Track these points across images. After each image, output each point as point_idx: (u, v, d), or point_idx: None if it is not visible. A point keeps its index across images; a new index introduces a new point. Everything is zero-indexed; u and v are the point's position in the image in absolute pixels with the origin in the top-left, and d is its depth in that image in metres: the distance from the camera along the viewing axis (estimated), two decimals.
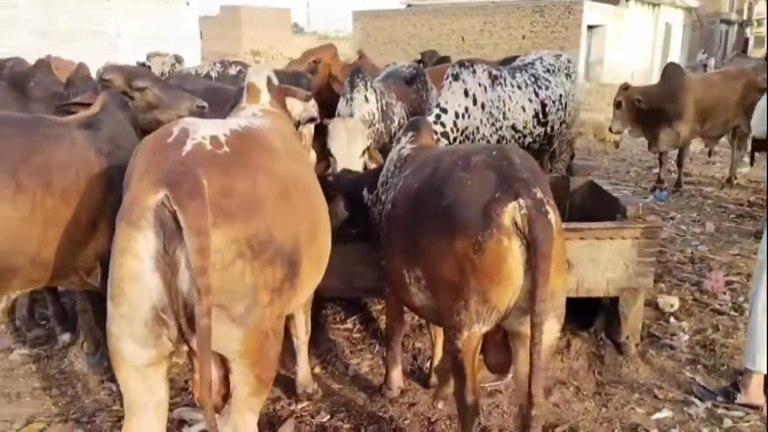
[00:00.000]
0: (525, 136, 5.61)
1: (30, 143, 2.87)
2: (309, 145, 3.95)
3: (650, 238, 4.00)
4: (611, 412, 3.64)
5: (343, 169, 4.26)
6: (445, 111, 5.15)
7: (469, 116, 5.21)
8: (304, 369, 3.77)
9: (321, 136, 4.28)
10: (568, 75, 6.04)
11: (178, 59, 13.52)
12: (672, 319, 4.72)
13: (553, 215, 2.48)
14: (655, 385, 3.89)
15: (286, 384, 3.81)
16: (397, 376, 3.75)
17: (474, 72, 5.30)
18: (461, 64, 5.34)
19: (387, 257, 3.10)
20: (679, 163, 8.48)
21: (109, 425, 3.41)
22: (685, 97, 7.93)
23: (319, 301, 4.59)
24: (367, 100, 5.04)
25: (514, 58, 6.94)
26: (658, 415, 3.58)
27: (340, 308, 4.74)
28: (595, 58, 25.17)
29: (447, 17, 28.13)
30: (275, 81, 3.47)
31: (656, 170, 8.96)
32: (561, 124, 5.96)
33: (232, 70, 7.47)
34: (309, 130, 3.88)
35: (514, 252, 2.47)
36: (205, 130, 2.35)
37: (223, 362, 2.39)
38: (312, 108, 3.72)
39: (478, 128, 5.28)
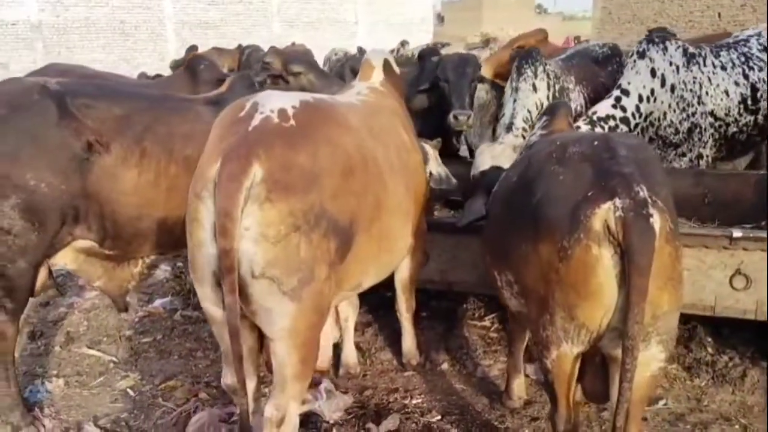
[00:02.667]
0: (728, 125, 4.77)
1: (156, 115, 3.15)
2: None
3: None
4: None
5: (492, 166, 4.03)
6: (626, 93, 4.58)
7: (654, 100, 4.58)
8: (408, 341, 3.79)
9: None
10: None
11: (404, 43, 14.09)
12: None
13: (658, 219, 2.02)
14: None
15: (401, 376, 3.73)
16: (518, 385, 3.43)
17: (665, 49, 4.63)
18: (649, 39, 4.68)
19: (482, 255, 2.82)
20: None
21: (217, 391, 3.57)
22: None
23: (455, 294, 4.42)
24: (534, 89, 4.64)
25: None
26: None
27: (481, 304, 4.47)
28: None
29: None
30: (394, 65, 3.55)
31: None
32: None
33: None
34: None
35: (605, 262, 2.07)
36: (275, 104, 2.36)
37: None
38: None
39: (665, 114, 4.62)
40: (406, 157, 3.11)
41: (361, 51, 13.46)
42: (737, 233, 3.26)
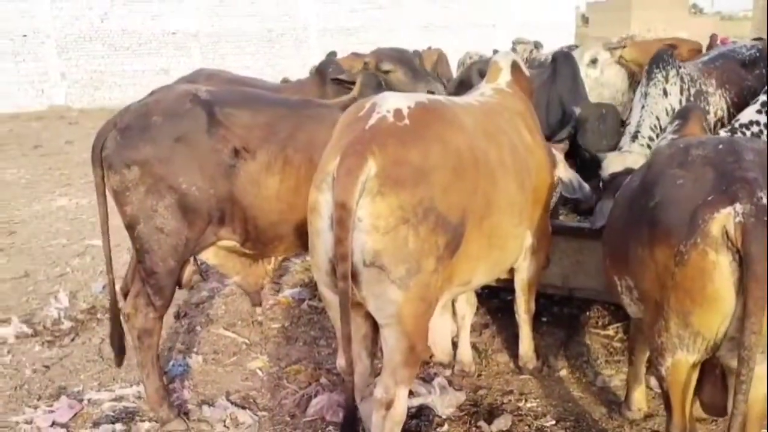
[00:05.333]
0: None
1: (298, 123, 3.31)
2: None
3: None
4: None
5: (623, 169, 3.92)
6: None
7: None
8: (526, 343, 3.76)
9: None
10: None
11: (537, 45, 13.84)
12: None
13: None
14: None
15: (516, 378, 3.74)
16: (638, 396, 3.31)
17: None
18: None
19: (602, 258, 2.77)
20: None
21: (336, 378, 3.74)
22: None
23: (578, 301, 4.33)
24: (665, 94, 4.43)
25: None
26: None
27: (605, 312, 4.34)
28: None
29: None
30: (522, 66, 3.57)
31: None
32: None
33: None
34: None
35: (723, 269, 1.99)
36: (392, 104, 2.49)
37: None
38: None
39: None
40: (525, 159, 3.12)
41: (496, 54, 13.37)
42: None
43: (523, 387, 3.69)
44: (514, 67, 3.56)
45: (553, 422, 3.35)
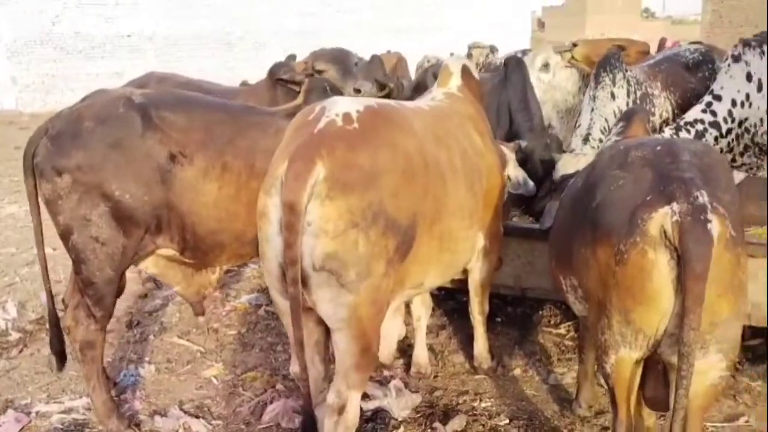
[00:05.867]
0: None
1: (239, 128, 3.24)
2: None
3: None
4: None
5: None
6: (718, 98, 4.40)
7: (750, 105, 4.37)
8: (480, 344, 3.80)
9: None
10: None
11: (493, 49, 13.97)
12: None
13: (717, 225, 1.98)
14: None
15: (471, 379, 3.77)
16: (589, 393, 3.39)
17: (762, 53, 4.40)
18: (746, 43, 4.48)
19: (549, 259, 2.82)
20: None
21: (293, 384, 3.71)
22: None
23: (531, 300, 4.40)
24: (613, 97, 4.55)
25: None
26: None
27: (557, 311, 4.42)
28: None
29: None
30: (473, 71, 3.63)
31: None
32: None
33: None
34: None
35: (661, 267, 2.05)
36: (341, 108, 2.50)
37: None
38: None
39: (762, 120, 4.39)
40: (475, 162, 3.16)
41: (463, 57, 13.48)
42: None
43: (478, 387, 3.73)
44: (465, 71, 3.60)
45: (507, 421, 3.40)
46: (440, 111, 3.21)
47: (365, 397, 3.55)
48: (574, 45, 5.63)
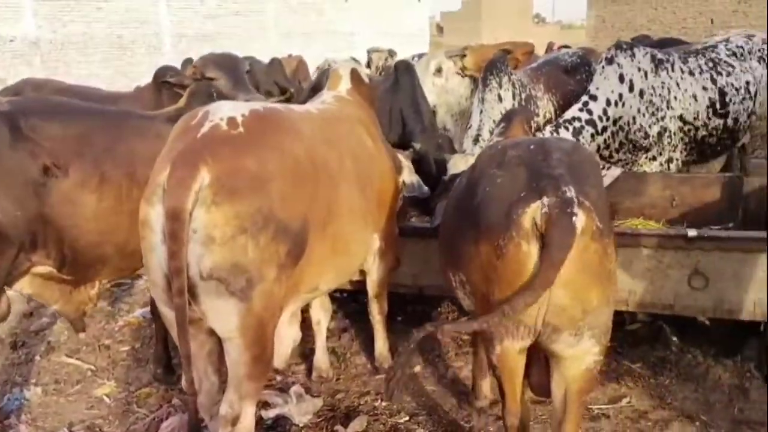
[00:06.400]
0: (697, 129, 4.85)
1: (117, 135, 3.10)
2: None
3: None
4: None
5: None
6: (594, 98, 4.67)
7: (623, 104, 4.66)
8: (381, 344, 3.85)
9: None
10: (761, 59, 5.08)
11: (392, 53, 14.18)
12: None
13: (583, 218, 2.10)
14: None
15: (373, 379, 3.81)
16: (484, 385, 3.48)
17: (632, 55, 4.72)
18: (618, 46, 4.78)
19: (439, 255, 2.91)
20: None
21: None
22: None
23: (431, 299, 4.50)
24: (500, 99, 4.74)
25: None
26: None
27: (455, 308, 4.54)
28: None
29: None
30: (362, 74, 3.65)
31: None
32: (749, 115, 5.04)
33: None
34: None
35: (535, 259, 2.15)
36: (226, 112, 2.46)
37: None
38: None
39: (634, 118, 4.70)
40: (367, 164, 3.20)
41: (354, 60, 13.57)
42: (692, 233, 3.34)
43: (379, 387, 3.76)
44: (354, 74, 3.63)
45: (407, 418, 3.46)
46: (330, 114, 3.21)
47: (266, 405, 3.54)
48: (464, 54, 5.80)
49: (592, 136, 4.51)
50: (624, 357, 3.87)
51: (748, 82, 4.96)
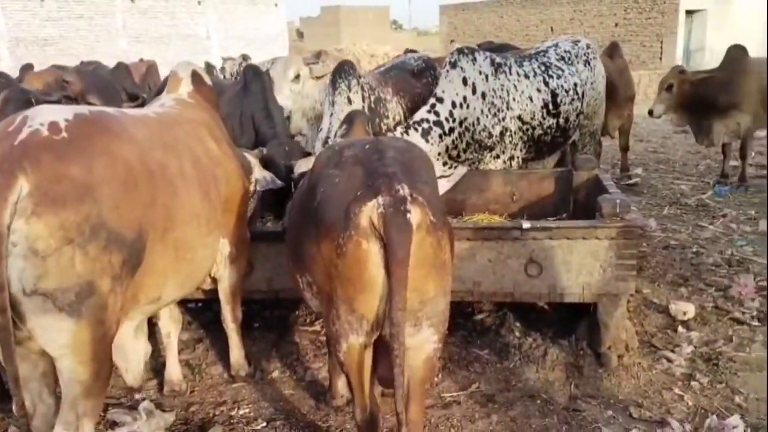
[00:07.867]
0: (534, 128, 5.20)
1: None
2: None
3: (629, 239, 3.56)
4: (573, 430, 3.27)
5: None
6: (441, 100, 4.86)
7: (467, 106, 4.89)
8: (236, 352, 3.81)
9: None
10: (587, 62, 5.55)
11: (245, 58, 13.95)
12: (681, 329, 4.21)
13: (417, 214, 2.20)
14: (634, 402, 3.47)
15: (230, 388, 3.75)
16: (340, 384, 3.53)
17: (474, 60, 4.96)
18: (460, 51, 5.01)
19: (286, 258, 2.92)
20: (742, 156, 7.64)
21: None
22: (747, 83, 7.13)
23: (288, 302, 4.49)
24: (350, 101, 4.81)
25: None
26: None
27: (312, 310, 4.56)
28: (696, 46, 23.36)
29: (535, 7, 27.25)
30: (204, 76, 3.58)
31: (735, 164, 8.14)
32: (578, 115, 5.48)
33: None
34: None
35: (373, 256, 2.21)
36: (46, 117, 2.32)
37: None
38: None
39: (478, 119, 4.94)
40: (210, 168, 3.13)
41: (209, 66, 13.23)
42: (526, 224, 3.58)
43: (236, 395, 3.71)
44: (195, 76, 3.55)
45: (264, 424, 3.42)
46: (169, 117, 3.12)
47: (113, 425, 3.37)
48: (322, 61, 5.86)
49: (441, 136, 4.70)
50: (472, 345, 4.07)
51: (576, 84, 5.39)
